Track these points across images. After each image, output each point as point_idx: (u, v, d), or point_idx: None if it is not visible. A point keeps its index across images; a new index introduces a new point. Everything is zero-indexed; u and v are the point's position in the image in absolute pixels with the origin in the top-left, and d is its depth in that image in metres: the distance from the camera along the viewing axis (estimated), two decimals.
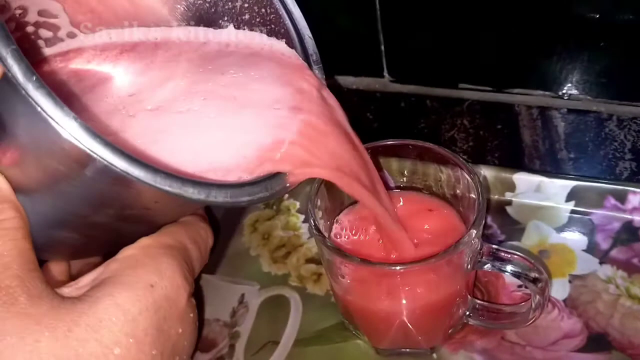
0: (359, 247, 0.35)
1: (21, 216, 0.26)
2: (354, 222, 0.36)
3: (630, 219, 0.42)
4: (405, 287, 0.31)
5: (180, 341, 0.28)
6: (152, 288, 0.27)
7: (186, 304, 0.29)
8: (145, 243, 0.29)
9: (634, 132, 0.48)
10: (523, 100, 0.53)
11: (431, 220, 0.35)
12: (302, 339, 0.40)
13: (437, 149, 0.35)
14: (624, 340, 0.36)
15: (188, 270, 0.30)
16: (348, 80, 0.58)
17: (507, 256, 0.32)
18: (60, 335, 0.24)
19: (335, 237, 0.36)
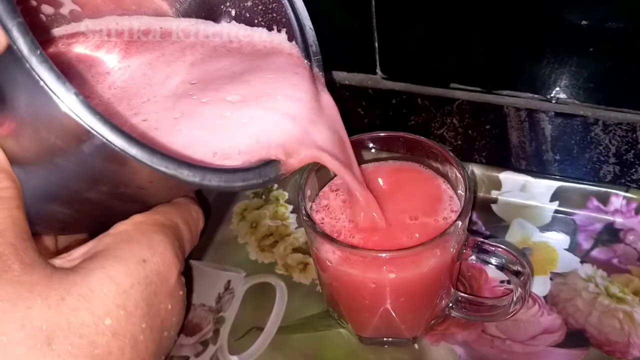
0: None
1: (16, 186, 0.26)
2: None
3: (612, 220, 0.43)
4: (390, 275, 0.32)
5: (169, 317, 0.29)
6: (144, 263, 0.27)
7: (176, 281, 0.29)
8: (139, 220, 0.29)
9: (618, 137, 0.49)
10: (512, 102, 0.54)
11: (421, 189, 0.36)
12: (286, 326, 0.40)
13: (427, 141, 0.36)
14: (601, 337, 0.37)
15: (179, 248, 0.30)
16: (341, 76, 0.58)
17: (491, 249, 0.33)
18: (52, 303, 0.24)
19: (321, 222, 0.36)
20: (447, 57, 0.54)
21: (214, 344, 0.40)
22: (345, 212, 0.33)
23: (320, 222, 0.32)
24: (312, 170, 0.35)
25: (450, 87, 0.55)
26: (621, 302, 0.39)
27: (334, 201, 0.33)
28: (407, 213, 0.33)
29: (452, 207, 0.33)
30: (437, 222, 0.33)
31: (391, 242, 0.31)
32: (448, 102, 0.55)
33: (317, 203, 0.33)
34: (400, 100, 0.56)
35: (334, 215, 0.33)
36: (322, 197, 0.34)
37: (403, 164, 0.37)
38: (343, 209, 0.33)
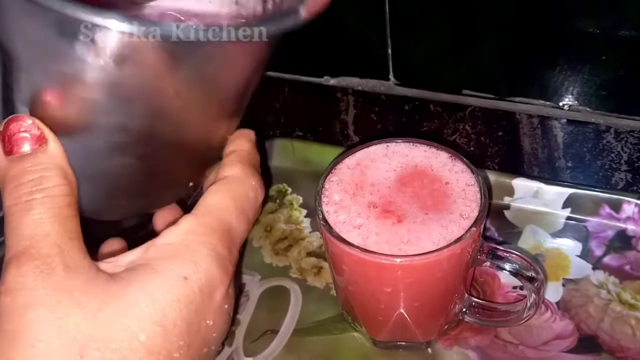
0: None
1: (68, 183, 0.26)
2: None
3: (624, 227, 0.43)
4: (406, 280, 0.32)
5: (210, 333, 0.28)
6: (186, 280, 0.27)
7: (222, 297, 0.28)
8: (186, 227, 0.28)
9: (630, 144, 0.50)
10: (524, 109, 0.54)
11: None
12: (301, 329, 0.41)
13: (441, 147, 0.36)
14: (613, 343, 0.38)
15: (229, 258, 0.29)
16: (354, 82, 0.59)
17: (505, 255, 0.33)
18: (89, 314, 0.24)
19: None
20: (459, 63, 0.54)
21: (230, 345, 0.40)
22: (361, 215, 0.33)
23: (336, 226, 0.33)
24: (328, 174, 0.36)
25: (463, 93, 0.56)
26: (633, 308, 0.39)
27: (349, 204, 0.34)
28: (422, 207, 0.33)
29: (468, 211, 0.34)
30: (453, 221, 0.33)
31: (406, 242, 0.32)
32: (460, 109, 0.55)
33: (332, 206, 0.34)
34: (413, 107, 0.57)
35: (349, 219, 0.33)
36: (338, 201, 0.34)
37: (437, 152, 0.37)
38: (359, 212, 0.33)
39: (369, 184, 0.35)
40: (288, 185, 0.50)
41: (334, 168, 0.36)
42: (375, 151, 0.37)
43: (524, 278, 0.33)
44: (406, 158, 0.36)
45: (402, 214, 0.33)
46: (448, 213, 0.33)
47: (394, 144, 0.37)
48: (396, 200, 0.34)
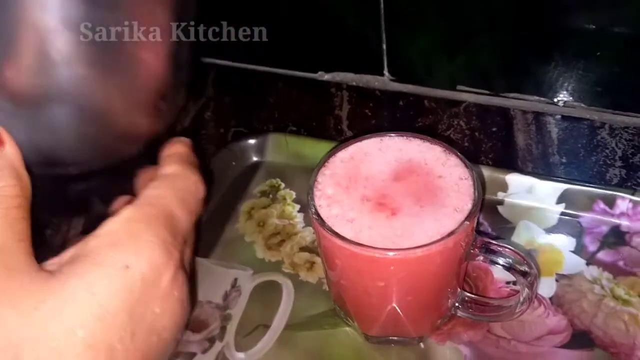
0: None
1: (21, 184, 0.26)
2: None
3: (618, 223, 0.43)
4: (399, 274, 0.32)
5: (159, 321, 0.27)
6: (127, 269, 0.26)
7: (168, 283, 0.28)
8: (127, 216, 0.28)
9: (625, 140, 0.50)
10: (519, 104, 0.54)
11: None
12: (293, 324, 0.40)
13: (435, 141, 0.36)
14: (606, 338, 0.37)
15: (173, 243, 0.28)
16: (348, 77, 0.59)
17: (498, 249, 0.33)
18: (25, 314, 0.24)
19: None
20: (454, 59, 0.54)
21: (221, 340, 0.40)
22: (354, 208, 0.33)
23: (328, 219, 0.32)
24: (321, 167, 0.36)
25: (457, 89, 0.56)
26: (627, 304, 0.39)
27: (342, 198, 0.34)
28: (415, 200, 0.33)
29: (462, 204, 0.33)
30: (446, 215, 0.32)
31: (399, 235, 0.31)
32: (455, 104, 0.55)
33: (325, 200, 0.34)
34: (408, 102, 0.56)
35: (342, 213, 0.33)
36: (331, 194, 0.34)
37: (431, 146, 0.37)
38: (352, 206, 0.33)
39: (362, 178, 0.35)
40: (281, 180, 0.50)
41: (327, 161, 0.36)
42: (369, 145, 0.37)
43: (517, 272, 0.33)
44: (400, 152, 0.36)
45: (396, 207, 0.33)
46: (442, 207, 0.32)
47: (388, 138, 0.37)
48: (390, 193, 0.34)
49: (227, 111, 0.58)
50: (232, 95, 0.60)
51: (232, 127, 0.56)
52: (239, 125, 0.56)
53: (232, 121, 0.56)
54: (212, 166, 0.50)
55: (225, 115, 0.57)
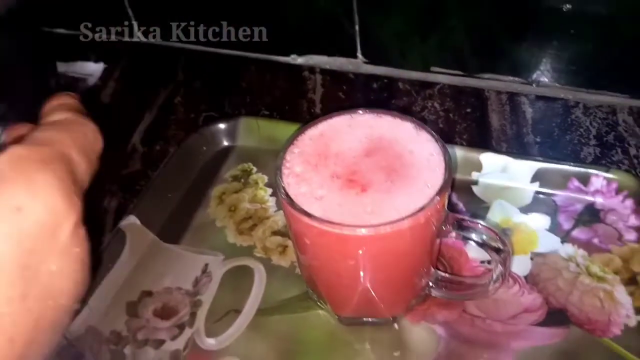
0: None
1: None
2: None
3: (592, 201, 0.43)
4: (369, 251, 0.31)
5: (56, 282, 0.23)
6: (19, 212, 0.21)
7: (69, 235, 0.23)
8: (18, 152, 0.23)
9: (599, 119, 0.50)
10: (493, 85, 0.53)
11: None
12: (265, 308, 0.39)
13: (406, 118, 0.35)
14: (582, 315, 0.37)
15: (75, 190, 0.24)
16: (322, 60, 0.58)
17: (471, 225, 0.33)
18: None
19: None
20: (427, 41, 0.53)
21: (191, 327, 0.39)
22: (324, 186, 0.32)
23: (297, 198, 0.32)
24: (289, 146, 0.35)
25: (431, 70, 0.55)
26: (602, 281, 0.39)
27: (311, 175, 0.33)
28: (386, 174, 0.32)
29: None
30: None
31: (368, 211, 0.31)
32: (429, 86, 0.55)
33: (294, 178, 0.33)
34: (382, 84, 0.56)
35: (311, 190, 0.32)
36: (300, 172, 0.33)
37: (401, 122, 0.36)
38: (322, 184, 0.32)
39: (332, 155, 0.34)
40: (253, 165, 0.49)
41: (295, 139, 0.35)
42: (339, 122, 0.36)
43: (490, 249, 0.32)
44: (370, 129, 0.35)
45: (366, 183, 0.32)
46: (412, 182, 0.32)
47: (358, 115, 0.36)
48: (360, 170, 0.33)
49: (198, 96, 0.57)
50: (203, 80, 0.58)
51: (202, 112, 0.54)
52: (209, 110, 0.55)
53: (203, 106, 0.55)
54: (182, 151, 0.49)
55: (195, 100, 0.56)
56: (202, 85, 0.58)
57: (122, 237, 0.43)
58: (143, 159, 0.51)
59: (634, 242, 0.40)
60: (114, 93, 0.58)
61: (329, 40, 0.57)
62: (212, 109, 0.55)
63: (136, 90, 0.58)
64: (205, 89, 0.57)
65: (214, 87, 0.57)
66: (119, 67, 0.61)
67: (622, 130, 0.48)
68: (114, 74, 0.60)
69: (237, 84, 0.57)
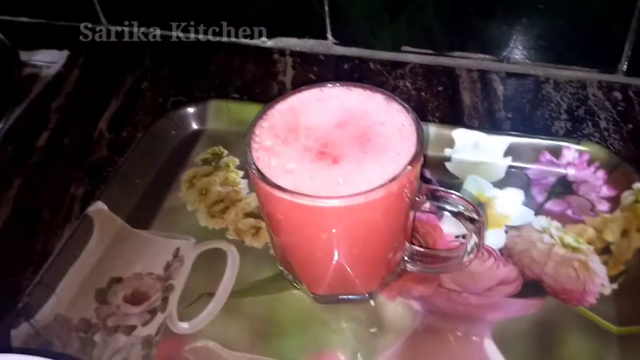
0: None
1: None
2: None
3: (564, 173, 0.43)
4: (342, 223, 0.31)
5: None
6: None
7: None
8: None
9: (569, 94, 0.50)
10: (464, 63, 0.53)
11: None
12: (239, 290, 0.39)
13: (376, 90, 0.35)
14: (557, 286, 0.37)
15: None
16: (291, 42, 0.57)
17: (445, 195, 0.32)
18: None
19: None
20: (397, 20, 0.53)
21: (163, 311, 0.38)
22: (294, 159, 0.31)
23: (267, 172, 0.31)
24: (258, 120, 0.34)
25: (402, 50, 0.55)
26: (576, 251, 0.39)
27: (282, 149, 0.32)
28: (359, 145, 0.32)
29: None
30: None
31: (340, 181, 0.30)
32: (400, 66, 0.54)
33: (263, 152, 0.32)
34: (353, 65, 0.55)
35: (282, 163, 0.31)
36: (269, 146, 0.32)
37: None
38: (292, 157, 0.31)
39: (302, 128, 0.33)
40: (224, 148, 0.48)
41: (264, 114, 0.34)
42: (309, 96, 0.35)
43: (464, 218, 0.32)
44: (341, 101, 0.34)
45: (338, 155, 0.31)
46: (385, 153, 0.31)
47: (328, 88, 0.35)
48: (331, 142, 0.32)
49: (165, 81, 0.55)
50: (171, 65, 0.57)
51: (170, 97, 0.53)
52: (178, 94, 0.53)
53: (171, 91, 0.54)
54: (150, 136, 0.48)
55: (163, 86, 0.55)
56: (169, 71, 0.56)
57: (89, 223, 0.42)
58: (110, 145, 0.50)
59: (606, 212, 0.41)
60: (79, 80, 0.57)
61: (299, 22, 0.56)
62: (180, 93, 0.54)
63: (101, 77, 0.57)
64: (173, 74, 0.56)
65: (181, 72, 0.56)
66: (83, 54, 0.59)
67: (592, 104, 0.49)
68: (78, 62, 0.59)
69: (206, 69, 0.56)
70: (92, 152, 0.49)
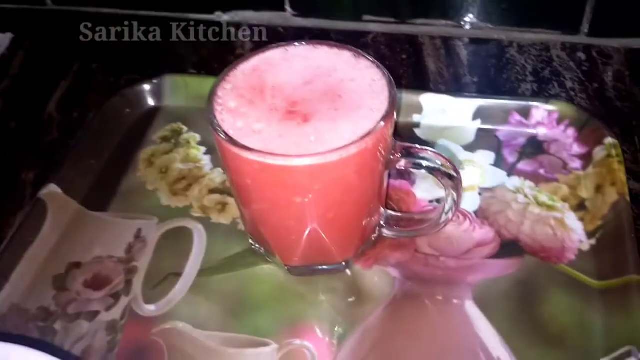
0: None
1: None
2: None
3: (535, 133, 0.42)
4: (316, 184, 0.29)
5: None
6: None
7: None
8: None
9: (533, 56, 0.49)
10: (426, 31, 0.52)
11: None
12: (207, 269, 0.37)
13: (343, 47, 0.33)
14: (535, 245, 0.36)
15: None
16: (248, 16, 0.55)
17: (420, 151, 0.31)
18: None
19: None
20: None
21: (127, 295, 0.36)
22: (262, 119, 0.29)
23: (232, 133, 0.29)
24: (221, 82, 0.32)
25: (363, 19, 0.53)
26: (551, 209, 0.38)
27: (247, 110, 0.30)
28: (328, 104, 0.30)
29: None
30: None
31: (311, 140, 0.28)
32: (362, 36, 0.53)
33: (228, 114, 0.30)
34: (313, 37, 0.53)
35: (248, 124, 0.29)
36: (234, 107, 0.30)
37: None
38: (259, 117, 0.30)
39: (268, 88, 0.31)
40: (183, 124, 0.46)
41: (226, 75, 0.32)
42: (273, 55, 0.33)
43: (441, 175, 0.31)
44: (307, 60, 0.33)
45: (308, 113, 0.30)
46: (357, 109, 0.30)
47: (293, 47, 0.34)
48: (300, 101, 0.30)
49: (117, 60, 0.53)
50: (122, 43, 0.54)
51: (123, 75, 0.51)
52: (131, 72, 0.51)
53: (123, 70, 0.51)
54: (103, 115, 0.45)
55: (115, 64, 0.52)
56: (121, 49, 0.54)
57: (42, 207, 0.39)
58: (60, 127, 0.47)
59: (578, 169, 0.40)
60: (24, 63, 0.53)
61: None
62: (133, 71, 0.51)
63: (49, 59, 0.53)
64: (125, 52, 0.53)
65: (134, 50, 0.53)
66: (28, 36, 0.56)
67: (557, 66, 0.48)
68: (23, 44, 0.55)
69: (160, 46, 0.54)
70: (42, 135, 0.46)
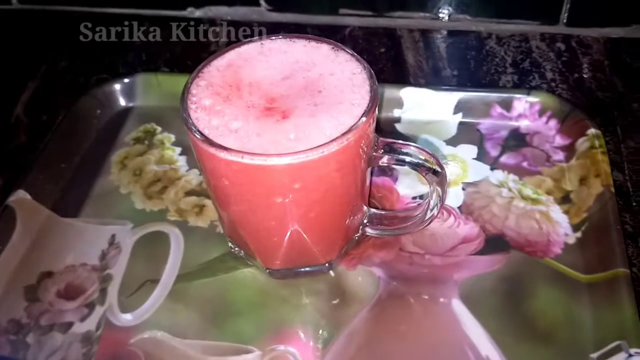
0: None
1: None
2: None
3: (517, 125, 0.42)
4: (297, 183, 0.28)
5: None
6: None
7: None
8: None
9: (513, 48, 0.49)
10: (404, 24, 0.51)
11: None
12: (186, 274, 0.35)
13: (321, 40, 0.32)
14: (521, 239, 0.36)
15: None
16: (222, 11, 0.53)
17: (403, 147, 0.30)
18: None
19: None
20: None
21: (102, 304, 0.34)
22: (239, 117, 0.28)
23: (208, 132, 0.28)
24: (194, 79, 0.31)
25: (340, 13, 0.52)
26: (536, 202, 0.37)
27: (223, 108, 0.29)
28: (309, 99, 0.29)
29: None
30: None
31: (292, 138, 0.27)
32: (339, 30, 0.52)
33: (202, 112, 0.29)
34: (289, 32, 0.52)
35: (224, 123, 0.28)
36: (209, 105, 0.29)
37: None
38: (236, 115, 0.28)
39: (245, 85, 0.30)
40: (157, 124, 0.44)
41: (200, 72, 0.31)
42: (249, 50, 0.32)
43: (426, 170, 0.30)
44: (285, 54, 0.32)
45: (287, 109, 0.28)
46: (337, 103, 0.29)
47: (269, 41, 0.32)
48: (278, 97, 0.29)
49: (86, 59, 0.51)
50: (91, 42, 0.52)
51: (93, 75, 0.49)
52: (101, 72, 0.49)
53: (93, 69, 0.49)
54: (72, 116, 0.43)
55: (84, 64, 0.50)
56: (90, 48, 0.52)
57: (11, 215, 0.37)
58: (28, 130, 0.45)
59: (562, 161, 0.40)
60: None
61: None
62: (103, 71, 0.49)
63: (14, 60, 0.51)
64: (95, 51, 0.51)
65: (104, 49, 0.52)
66: None
67: (536, 57, 0.48)
68: None
69: (131, 44, 0.52)
70: (8, 139, 0.44)
